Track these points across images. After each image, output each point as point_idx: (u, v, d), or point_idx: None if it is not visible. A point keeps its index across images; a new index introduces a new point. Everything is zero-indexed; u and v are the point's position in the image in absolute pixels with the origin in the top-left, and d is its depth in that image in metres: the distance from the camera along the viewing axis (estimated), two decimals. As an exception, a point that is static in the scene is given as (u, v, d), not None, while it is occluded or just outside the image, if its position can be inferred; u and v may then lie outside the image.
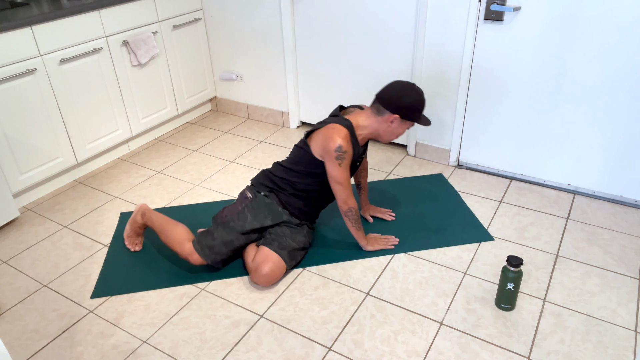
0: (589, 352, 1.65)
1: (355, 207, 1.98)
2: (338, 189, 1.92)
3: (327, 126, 1.89)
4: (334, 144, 1.83)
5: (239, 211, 1.98)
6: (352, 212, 1.98)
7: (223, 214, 2.00)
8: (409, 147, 2.88)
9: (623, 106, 2.19)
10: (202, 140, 3.16)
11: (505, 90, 2.43)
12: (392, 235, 2.19)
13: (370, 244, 2.11)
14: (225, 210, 2.01)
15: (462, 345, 1.69)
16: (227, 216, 1.98)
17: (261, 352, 1.69)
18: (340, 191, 1.92)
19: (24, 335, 1.80)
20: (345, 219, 2.01)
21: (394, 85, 1.91)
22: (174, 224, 2.02)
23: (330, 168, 1.88)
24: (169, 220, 2.04)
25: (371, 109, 1.95)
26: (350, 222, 2.01)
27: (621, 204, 2.39)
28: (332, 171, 1.89)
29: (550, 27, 2.19)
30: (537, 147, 2.48)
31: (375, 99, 1.94)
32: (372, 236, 2.16)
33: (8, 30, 2.24)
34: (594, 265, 2.02)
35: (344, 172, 1.89)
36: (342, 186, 1.91)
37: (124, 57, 2.79)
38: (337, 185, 1.91)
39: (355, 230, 2.05)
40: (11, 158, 2.37)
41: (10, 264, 2.15)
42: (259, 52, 3.16)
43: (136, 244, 2.17)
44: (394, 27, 2.61)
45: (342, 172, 1.88)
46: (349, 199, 1.95)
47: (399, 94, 1.88)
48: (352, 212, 1.98)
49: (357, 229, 2.04)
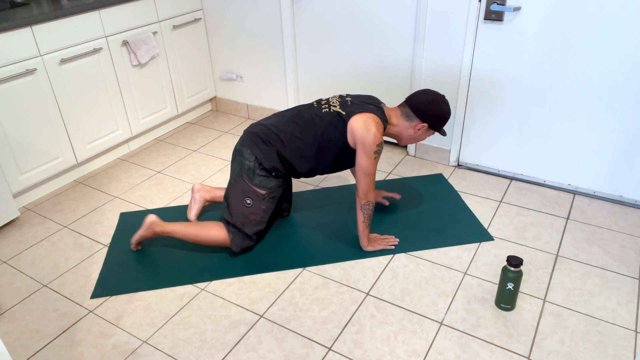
0: (589, 352, 1.65)
1: (373, 202, 1.99)
2: (364, 180, 1.93)
3: (370, 116, 1.90)
4: (375, 139, 1.87)
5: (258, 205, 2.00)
6: (369, 205, 1.99)
7: (249, 218, 2.01)
8: (409, 147, 2.88)
9: (623, 106, 2.19)
10: (202, 140, 3.16)
11: (505, 90, 2.43)
12: (392, 236, 2.19)
13: (371, 244, 2.12)
14: (242, 213, 2.00)
15: (462, 345, 1.69)
16: (252, 214, 2.00)
17: (261, 352, 1.69)
18: (365, 182, 1.94)
19: (24, 335, 1.80)
20: (360, 212, 2.00)
21: (427, 93, 1.96)
22: (201, 227, 2.03)
23: (363, 159, 1.90)
24: (190, 226, 2.04)
25: (400, 112, 1.99)
26: (363, 217, 2.01)
27: (621, 204, 2.39)
28: (364, 162, 1.90)
29: (550, 27, 2.19)
30: (537, 147, 2.48)
31: (405, 103, 1.99)
32: (372, 237, 2.16)
33: (8, 30, 2.24)
34: (594, 265, 2.02)
35: (375, 165, 1.92)
36: (368, 178, 1.93)
37: (124, 57, 2.79)
38: (364, 177, 1.93)
39: (364, 227, 2.05)
40: (11, 158, 2.37)
41: (10, 264, 2.15)
42: (259, 52, 3.16)
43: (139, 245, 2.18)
44: (394, 27, 2.61)
45: (374, 165, 1.92)
46: (370, 192, 1.96)
47: (432, 104, 1.94)
48: (370, 205, 1.99)
49: (366, 225, 2.05)
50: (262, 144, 1.97)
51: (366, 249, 2.11)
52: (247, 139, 2.00)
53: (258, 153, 1.96)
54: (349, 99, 2.03)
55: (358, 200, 1.98)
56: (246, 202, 1.98)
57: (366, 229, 2.06)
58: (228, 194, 2.03)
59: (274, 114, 2.09)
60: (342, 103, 1.99)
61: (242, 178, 1.98)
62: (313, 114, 1.98)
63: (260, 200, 1.99)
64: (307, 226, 2.29)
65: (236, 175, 2.00)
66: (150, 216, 2.06)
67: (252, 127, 2.04)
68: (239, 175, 1.99)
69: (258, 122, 2.06)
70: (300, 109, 2.03)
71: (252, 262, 2.08)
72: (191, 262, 2.09)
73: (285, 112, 2.06)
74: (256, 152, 1.96)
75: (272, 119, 2.04)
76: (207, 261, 2.10)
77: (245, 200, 1.98)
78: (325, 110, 1.97)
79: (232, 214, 2.01)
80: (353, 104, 1.97)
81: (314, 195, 2.53)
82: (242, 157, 1.99)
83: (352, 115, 1.91)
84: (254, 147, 1.97)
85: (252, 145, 1.97)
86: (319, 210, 2.40)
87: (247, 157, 1.97)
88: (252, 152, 1.97)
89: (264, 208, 2.02)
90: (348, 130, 1.92)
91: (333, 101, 2.01)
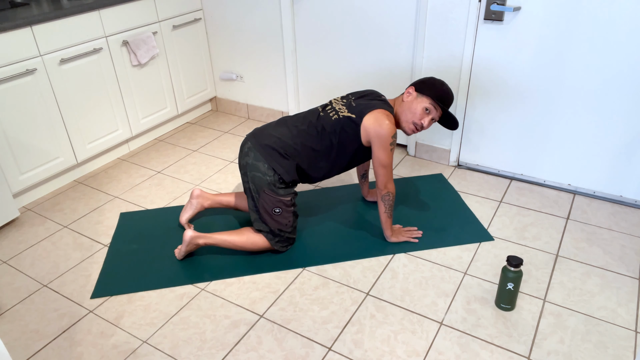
0: (589, 352, 1.65)
1: (393, 192, 2.02)
2: (382, 172, 1.97)
3: (379, 112, 1.94)
4: (390, 131, 1.91)
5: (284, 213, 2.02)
6: (389, 196, 2.02)
7: (282, 223, 2.03)
8: (409, 147, 2.88)
9: (623, 106, 2.19)
10: (202, 140, 3.16)
11: (505, 91, 2.43)
12: (415, 227, 2.22)
13: (395, 235, 2.15)
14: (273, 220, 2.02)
15: (462, 345, 1.69)
16: (281, 223, 2.02)
17: (261, 352, 1.69)
18: (384, 174, 1.97)
19: (24, 335, 1.80)
20: (381, 203, 2.04)
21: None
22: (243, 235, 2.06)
23: (380, 152, 1.93)
24: (233, 235, 2.06)
25: (397, 98, 2.07)
26: (384, 207, 2.05)
27: (621, 204, 2.39)
28: (381, 155, 1.94)
29: (550, 27, 2.19)
30: (537, 147, 2.48)
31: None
32: (395, 228, 2.19)
33: (8, 30, 2.24)
34: (594, 265, 2.02)
35: (391, 156, 1.96)
36: (386, 169, 1.97)
37: (124, 57, 2.79)
38: (382, 169, 1.96)
39: (386, 217, 2.08)
40: (11, 158, 2.37)
41: (10, 264, 2.15)
42: (259, 52, 3.16)
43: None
44: (394, 27, 2.61)
45: (391, 157, 1.96)
46: (389, 182, 1.99)
47: (424, 78, 2.02)
48: (390, 196, 2.02)
49: (389, 215, 2.08)
50: (281, 158, 1.95)
51: (390, 239, 2.15)
52: (262, 153, 1.95)
53: (278, 168, 1.94)
54: (352, 98, 2.04)
55: (378, 192, 2.03)
56: (275, 211, 1.99)
57: (389, 220, 2.10)
58: (256, 207, 2.02)
59: (278, 121, 2.06)
60: (348, 105, 2.00)
61: (265, 192, 1.97)
62: (324, 124, 1.98)
63: (287, 207, 2.01)
64: (307, 226, 2.29)
65: (258, 189, 1.97)
66: (188, 231, 2.03)
67: (261, 138, 1.99)
68: (261, 189, 1.97)
69: (264, 131, 2.01)
70: (310, 120, 2.01)
71: (252, 262, 2.08)
72: (191, 262, 2.09)
73: (294, 122, 2.02)
74: (275, 167, 1.94)
75: (281, 129, 2.00)
76: (207, 261, 2.10)
77: (274, 210, 1.99)
78: (335, 118, 1.98)
79: (267, 223, 2.02)
80: (359, 104, 1.99)
81: (314, 195, 2.53)
82: (260, 172, 1.94)
83: (363, 116, 1.94)
84: (272, 162, 1.94)
85: (270, 160, 1.94)
86: (319, 210, 2.40)
87: (266, 171, 1.94)
88: (271, 166, 1.94)
89: (292, 210, 2.03)
90: (362, 131, 1.95)
91: (339, 106, 2.02)
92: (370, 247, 2.14)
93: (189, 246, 2.05)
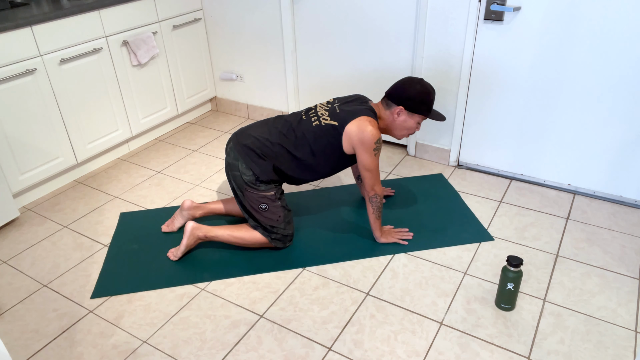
0: (589, 352, 1.65)
1: (381, 194, 2.03)
2: (368, 175, 1.97)
3: (362, 119, 1.92)
4: (373, 137, 1.91)
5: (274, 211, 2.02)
6: (377, 198, 2.03)
7: (272, 219, 2.03)
8: (409, 147, 2.88)
9: (623, 106, 2.19)
10: (202, 140, 3.16)
11: (505, 90, 2.43)
12: (406, 228, 2.22)
13: (384, 236, 2.15)
14: (263, 217, 2.03)
15: (462, 345, 1.69)
16: (273, 219, 2.03)
17: (261, 352, 1.69)
18: (369, 177, 1.98)
19: (24, 335, 1.80)
20: (369, 204, 2.06)
21: (402, 80, 2.00)
22: (245, 230, 2.06)
23: (364, 157, 1.93)
24: (234, 229, 2.07)
25: (382, 104, 2.03)
26: (373, 209, 2.06)
27: (621, 204, 2.39)
28: (365, 160, 1.94)
29: (550, 27, 2.19)
30: (537, 147, 2.48)
31: (385, 94, 2.03)
32: (386, 228, 2.20)
33: (8, 30, 2.24)
34: (594, 265, 2.02)
35: (376, 161, 1.96)
36: (372, 173, 1.97)
37: (124, 57, 2.79)
38: (367, 172, 1.97)
39: (375, 218, 2.09)
40: (11, 158, 2.37)
41: (10, 264, 2.15)
42: (259, 52, 3.16)
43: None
44: (394, 27, 2.61)
45: (375, 161, 1.96)
46: (376, 185, 2.00)
47: (403, 87, 1.96)
48: (377, 198, 2.03)
49: (377, 217, 2.09)
50: (257, 158, 1.96)
51: (380, 240, 2.15)
52: (240, 153, 1.97)
53: (255, 168, 1.96)
54: (337, 104, 2.03)
55: (366, 194, 2.05)
56: (261, 207, 2.00)
57: (377, 221, 2.10)
58: (243, 206, 2.04)
59: (260, 122, 2.07)
60: (331, 112, 1.99)
61: (247, 190, 1.98)
62: (305, 130, 1.97)
63: (272, 202, 2.01)
64: (307, 226, 2.29)
65: (240, 187, 1.99)
66: (190, 222, 2.06)
67: (241, 137, 2.01)
68: (243, 188, 1.99)
69: (245, 132, 2.03)
70: (291, 124, 2.01)
71: (252, 262, 2.08)
72: (191, 262, 2.09)
73: (275, 124, 2.03)
74: (252, 167, 1.96)
75: (261, 130, 2.02)
76: (207, 261, 2.10)
77: (260, 206, 2.00)
78: (315, 124, 1.98)
79: (258, 220, 2.03)
80: (342, 110, 1.97)
81: (314, 195, 2.53)
82: (239, 172, 1.97)
83: (346, 124, 1.93)
84: (249, 162, 1.96)
85: (247, 160, 1.96)
86: (318, 210, 2.41)
87: (244, 171, 1.96)
88: (248, 166, 1.96)
89: (280, 205, 2.04)
90: (344, 138, 1.94)
91: (322, 112, 2.01)
92: (370, 247, 2.14)
93: (189, 239, 2.05)
